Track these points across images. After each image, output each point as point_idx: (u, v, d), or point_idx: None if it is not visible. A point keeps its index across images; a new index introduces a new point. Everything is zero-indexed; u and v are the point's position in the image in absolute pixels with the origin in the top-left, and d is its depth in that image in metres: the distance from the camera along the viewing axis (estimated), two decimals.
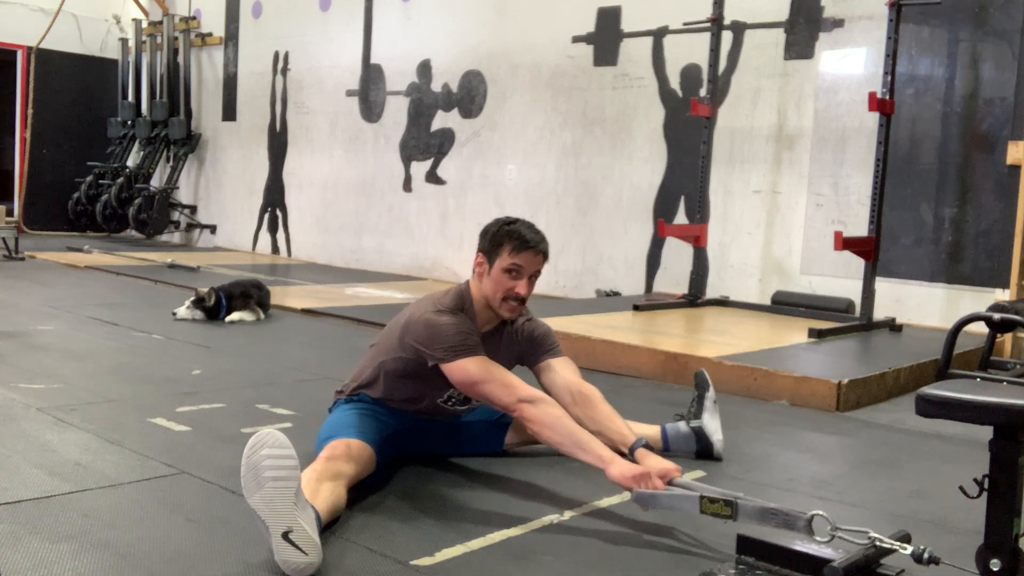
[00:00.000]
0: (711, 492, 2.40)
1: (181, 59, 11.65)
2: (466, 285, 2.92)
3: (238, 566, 2.12)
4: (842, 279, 6.47)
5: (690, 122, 6.95)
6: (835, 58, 6.62)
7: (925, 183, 6.25)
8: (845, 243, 5.62)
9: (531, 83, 8.31)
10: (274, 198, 10.79)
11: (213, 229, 11.58)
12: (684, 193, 7.30)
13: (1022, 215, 5.55)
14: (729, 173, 7.08)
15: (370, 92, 9.65)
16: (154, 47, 12.11)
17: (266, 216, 10.90)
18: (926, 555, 2.03)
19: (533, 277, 2.87)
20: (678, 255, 7.22)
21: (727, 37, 6.98)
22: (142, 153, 11.87)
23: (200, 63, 11.78)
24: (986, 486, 1.98)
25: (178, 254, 9.70)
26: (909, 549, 2.05)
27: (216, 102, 11.55)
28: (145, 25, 12.24)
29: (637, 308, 6.30)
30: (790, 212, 6.82)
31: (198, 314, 5.85)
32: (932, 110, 6.23)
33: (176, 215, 11.79)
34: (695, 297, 6.75)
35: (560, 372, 2.94)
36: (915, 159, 6.30)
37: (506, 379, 2.70)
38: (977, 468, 2.08)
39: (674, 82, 7.40)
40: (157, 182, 11.88)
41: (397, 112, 9.40)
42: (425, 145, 9.18)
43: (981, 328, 3.55)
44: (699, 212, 6.77)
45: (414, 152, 9.29)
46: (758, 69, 6.95)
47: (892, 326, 5.96)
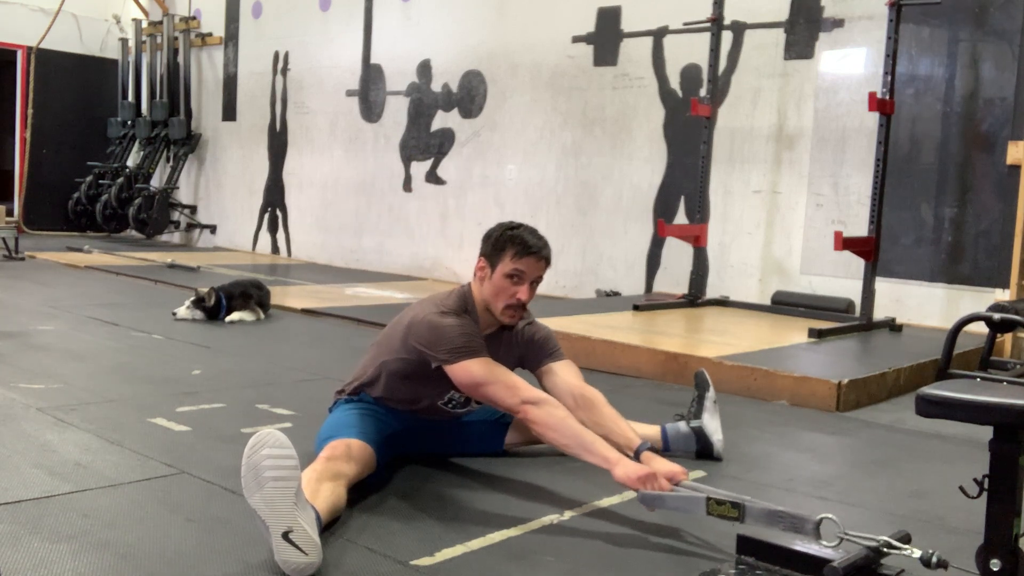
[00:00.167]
0: (718, 494, 2.39)
1: (181, 59, 11.65)
2: (468, 287, 2.92)
3: (238, 566, 2.12)
4: (842, 279, 6.47)
5: (690, 122, 6.95)
6: (835, 58, 6.62)
7: (925, 183, 6.26)
8: (845, 243, 5.62)
9: (531, 83, 8.31)
10: (274, 198, 10.79)
11: (213, 229, 11.58)
12: (684, 193, 7.30)
13: (1022, 215, 5.55)
14: (729, 173, 7.08)
15: (370, 92, 9.65)
16: (154, 47, 12.11)
17: (266, 216, 10.90)
18: (935, 559, 2.03)
19: (535, 283, 2.86)
20: (678, 255, 7.22)
21: (727, 37, 6.98)
22: (142, 153, 11.87)
23: (200, 63, 11.78)
24: (986, 486, 1.99)
25: (178, 254, 9.70)
26: (918, 553, 2.04)
27: (216, 102, 11.55)
28: (145, 25, 12.24)
29: (637, 308, 6.30)
30: (790, 212, 6.82)
31: (198, 314, 5.85)
32: (932, 110, 6.23)
33: (176, 215, 11.79)
34: (695, 297, 6.75)
35: (562, 376, 2.94)
36: (915, 159, 6.30)
37: (510, 380, 2.69)
38: (977, 468, 2.08)
39: (674, 82, 7.40)
40: (157, 182, 11.88)
41: (397, 112, 9.41)
42: (425, 145, 9.18)
43: (981, 328, 3.55)
44: (699, 212, 6.77)
45: (414, 152, 9.29)
46: (758, 69, 6.95)
47: (892, 326, 5.96)
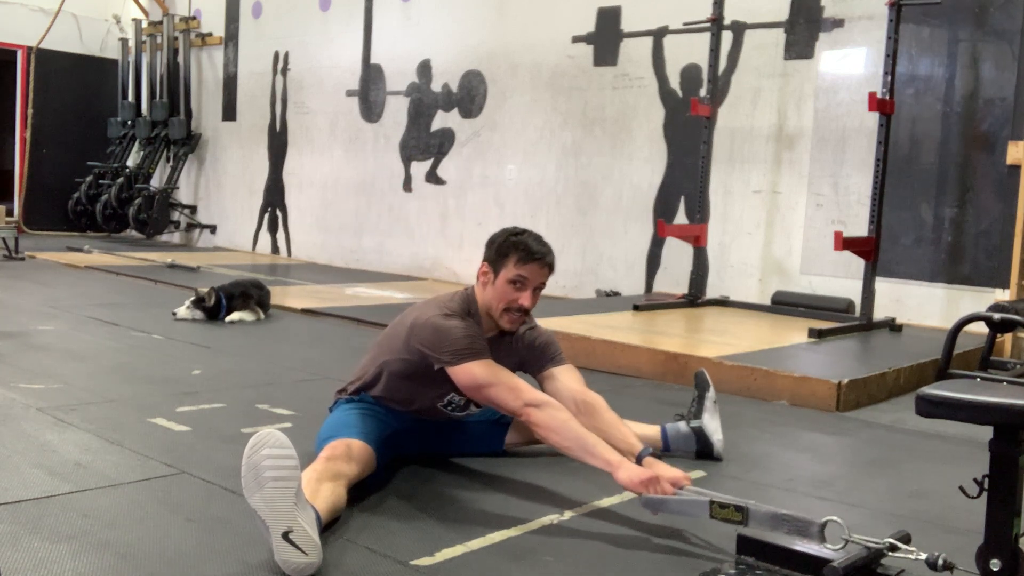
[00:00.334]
0: (721, 498, 2.38)
1: (181, 59, 11.65)
2: (471, 290, 2.92)
3: (238, 566, 2.12)
4: (842, 279, 6.47)
5: (690, 122, 6.95)
6: (835, 58, 6.62)
7: (925, 183, 6.25)
8: (845, 243, 5.62)
9: (531, 83, 8.30)
10: (274, 198, 10.79)
11: (213, 229, 11.58)
12: (684, 193, 7.30)
13: (1022, 215, 5.55)
14: (729, 173, 7.08)
15: (370, 92, 9.65)
16: (154, 47, 12.11)
17: (266, 216, 10.90)
18: (940, 561, 2.02)
19: (538, 289, 2.86)
20: (678, 255, 7.22)
21: (727, 37, 6.98)
22: (142, 153, 11.87)
23: (200, 63, 11.78)
24: (986, 486, 1.99)
25: (178, 254, 9.70)
26: (924, 555, 2.04)
27: (216, 102, 11.54)
28: (145, 25, 12.24)
29: (637, 308, 6.30)
30: (790, 212, 6.82)
31: (198, 314, 5.85)
32: (932, 110, 6.23)
33: (176, 215, 11.79)
34: (695, 297, 6.75)
35: (564, 381, 2.94)
36: (915, 159, 6.29)
37: (512, 383, 2.69)
38: (977, 468, 2.08)
39: (674, 82, 7.40)
40: (157, 182, 11.88)
41: (397, 112, 9.40)
42: (425, 145, 9.18)
43: (981, 328, 3.55)
44: (699, 212, 6.77)
45: (414, 152, 9.29)
46: (758, 69, 6.95)
47: (892, 326, 5.96)
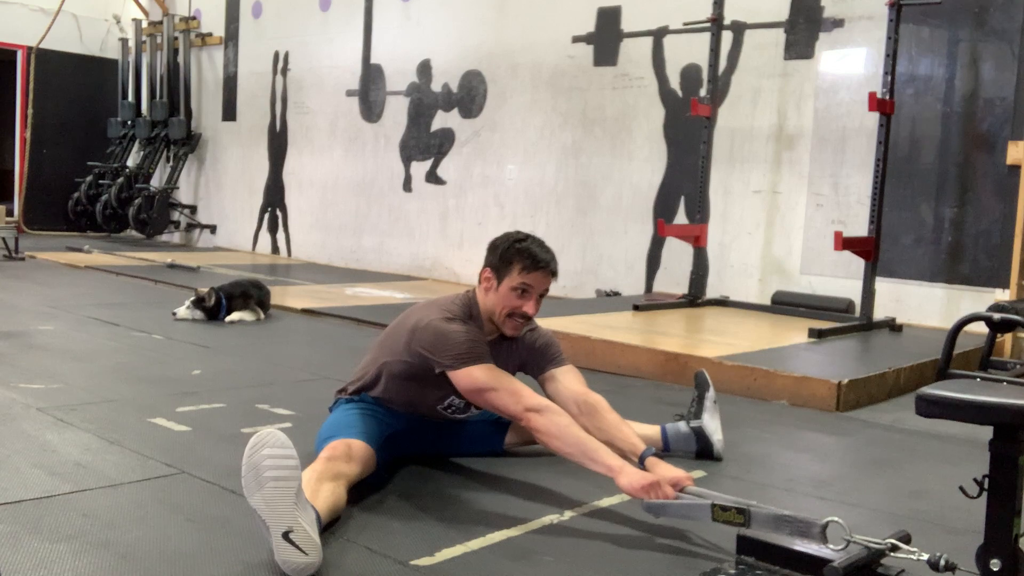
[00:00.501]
0: (723, 500, 2.38)
1: (181, 59, 11.65)
2: (473, 293, 2.91)
3: (238, 566, 2.12)
4: (842, 279, 6.47)
5: (690, 122, 6.95)
6: (835, 58, 6.62)
7: (925, 183, 6.25)
8: (845, 243, 5.62)
9: (531, 83, 8.30)
10: (274, 198, 10.79)
11: (213, 229, 11.58)
12: (684, 193, 7.30)
13: (1022, 215, 5.55)
14: (729, 173, 7.08)
15: (370, 92, 9.65)
16: (154, 47, 12.11)
17: (266, 216, 10.90)
18: (943, 561, 2.02)
19: (541, 296, 2.86)
20: (678, 255, 7.22)
21: (727, 37, 6.98)
22: (142, 153, 11.88)
23: (200, 63, 11.78)
24: (986, 486, 1.98)
25: (178, 254, 9.70)
26: (927, 556, 2.03)
27: (216, 102, 11.54)
28: (145, 25, 12.24)
29: (637, 308, 6.30)
30: (790, 212, 6.82)
31: (198, 314, 5.85)
32: (932, 110, 6.23)
33: (176, 215, 11.79)
34: (695, 297, 6.75)
35: (565, 383, 2.93)
36: (915, 159, 6.29)
37: (513, 387, 2.69)
38: (977, 468, 2.08)
39: (674, 82, 7.40)
40: (157, 182, 11.88)
41: (397, 112, 9.40)
42: (425, 145, 9.18)
43: (981, 328, 3.56)
44: (699, 212, 6.77)
45: (414, 152, 9.29)
46: (758, 69, 6.95)
47: (892, 326, 5.96)
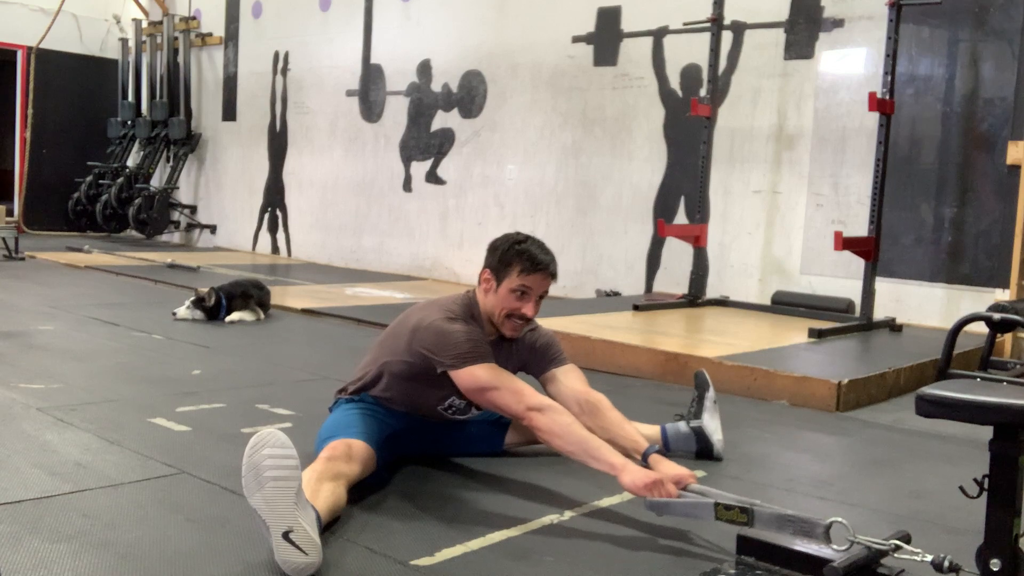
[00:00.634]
0: (726, 499, 2.37)
1: (181, 59, 11.65)
2: (473, 294, 2.92)
3: (238, 566, 2.12)
4: (842, 279, 6.47)
5: (690, 122, 6.95)
6: (835, 58, 6.62)
7: (925, 183, 6.25)
8: (845, 243, 5.62)
9: (531, 83, 8.30)
10: (274, 198, 10.79)
11: (213, 229, 11.58)
12: (684, 193, 7.30)
13: (1022, 215, 5.55)
14: (729, 173, 7.08)
15: (370, 92, 9.65)
16: (154, 47, 12.12)
17: (266, 216, 10.90)
18: (947, 563, 2.02)
19: (540, 298, 2.86)
20: (678, 255, 7.22)
21: (727, 37, 6.98)
22: (142, 153, 11.87)
23: (200, 63, 11.78)
24: (986, 486, 1.98)
25: (178, 254, 9.70)
26: (931, 557, 2.03)
27: (216, 102, 11.54)
28: (145, 25, 12.24)
29: (637, 308, 6.30)
30: (790, 212, 6.82)
31: (198, 314, 5.85)
32: (932, 110, 6.23)
33: (176, 215, 11.79)
34: (695, 297, 6.75)
35: (566, 383, 2.93)
36: (915, 159, 6.29)
37: (515, 386, 2.68)
38: (977, 468, 2.08)
39: (674, 82, 7.40)
40: (157, 182, 11.88)
41: (397, 112, 9.40)
42: (425, 145, 9.18)
43: (981, 328, 3.56)
44: (699, 212, 6.77)
45: (414, 152, 9.29)
46: (758, 69, 6.95)
47: (892, 326, 5.96)
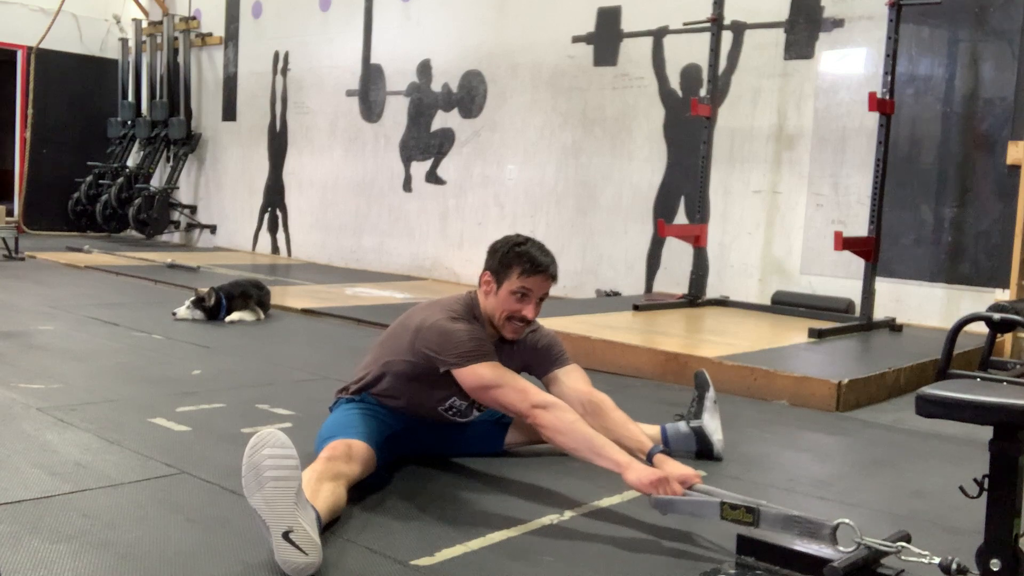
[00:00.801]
0: (732, 498, 2.36)
1: (181, 59, 11.65)
2: (475, 295, 2.92)
3: (238, 566, 2.12)
4: (842, 279, 6.47)
5: (690, 122, 6.95)
6: (835, 58, 6.62)
7: (925, 183, 6.25)
8: (845, 243, 5.62)
9: (531, 83, 8.30)
10: (274, 198, 10.79)
11: (213, 229, 11.58)
12: (684, 193, 7.30)
13: (1022, 215, 5.55)
14: (729, 173, 7.08)
15: (370, 92, 9.65)
16: (154, 47, 12.11)
17: (266, 216, 10.90)
18: (955, 565, 2.01)
19: (540, 300, 2.86)
20: (678, 255, 7.22)
21: (727, 37, 6.98)
22: (142, 153, 11.87)
23: (200, 63, 11.78)
24: (986, 486, 1.98)
25: (178, 254, 9.69)
26: (938, 559, 2.03)
27: (216, 102, 11.54)
28: (145, 25, 12.24)
29: (637, 308, 6.30)
30: (790, 212, 6.82)
31: (198, 314, 5.84)
32: (932, 110, 6.23)
33: (176, 215, 11.79)
34: (695, 297, 6.75)
35: (570, 383, 2.93)
36: (915, 159, 6.29)
37: (519, 385, 2.69)
38: (977, 468, 2.08)
39: (674, 82, 7.40)
40: (157, 182, 11.88)
41: (397, 112, 9.40)
42: (425, 145, 9.18)
43: (981, 328, 3.55)
44: (699, 212, 6.77)
45: (414, 152, 9.29)
46: (758, 69, 6.95)
47: (892, 326, 5.96)
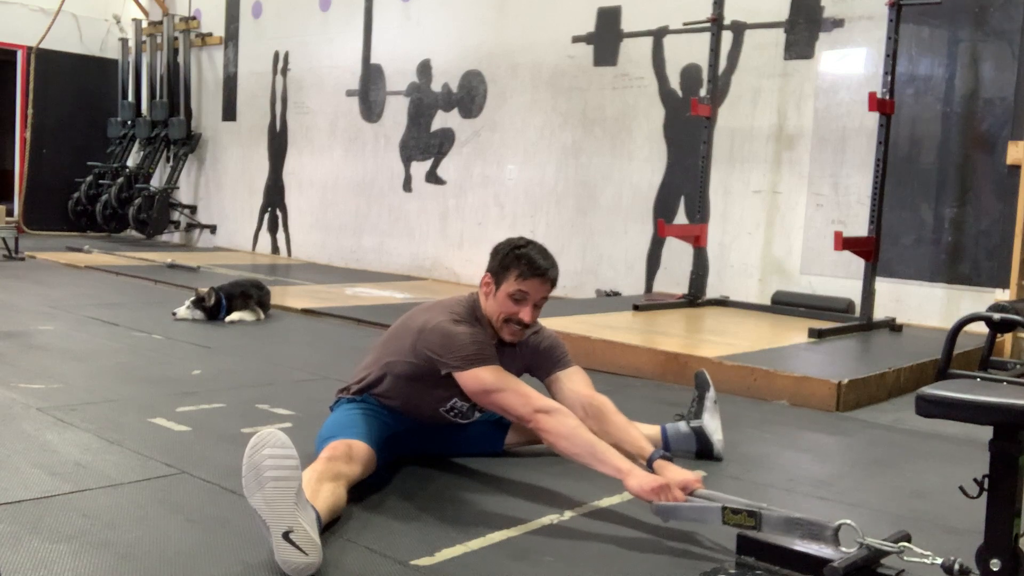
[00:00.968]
0: (734, 502, 2.36)
1: (181, 59, 11.65)
2: (476, 296, 2.91)
3: (238, 566, 2.12)
4: (842, 279, 6.47)
5: (690, 122, 6.95)
6: (835, 58, 6.62)
7: (925, 183, 6.25)
8: (845, 243, 5.62)
9: (531, 83, 8.30)
10: (274, 198, 10.79)
11: (213, 229, 11.58)
12: (684, 193, 7.30)
13: (1022, 215, 5.55)
14: (729, 173, 7.08)
15: (370, 92, 9.65)
16: (154, 47, 12.12)
17: (266, 216, 10.90)
18: (957, 566, 2.01)
19: (539, 303, 2.85)
20: (678, 255, 7.22)
21: (727, 37, 6.98)
22: (142, 153, 11.88)
23: (200, 63, 11.78)
24: (986, 486, 1.98)
25: (178, 254, 9.69)
26: (940, 560, 2.02)
27: (216, 102, 11.54)
28: (145, 25, 12.24)
29: (637, 308, 6.30)
30: (790, 212, 6.82)
31: (198, 314, 5.85)
32: (932, 110, 6.23)
33: (176, 215, 11.79)
34: (695, 297, 6.75)
35: (571, 385, 2.93)
36: (915, 159, 6.29)
37: (521, 389, 2.68)
38: (977, 468, 2.08)
39: (674, 82, 7.40)
40: (157, 182, 11.88)
41: (397, 112, 9.40)
42: (425, 145, 9.18)
43: (981, 328, 3.56)
44: (699, 212, 6.77)
45: (414, 152, 9.29)
46: (758, 69, 6.95)
47: (892, 326, 5.96)
